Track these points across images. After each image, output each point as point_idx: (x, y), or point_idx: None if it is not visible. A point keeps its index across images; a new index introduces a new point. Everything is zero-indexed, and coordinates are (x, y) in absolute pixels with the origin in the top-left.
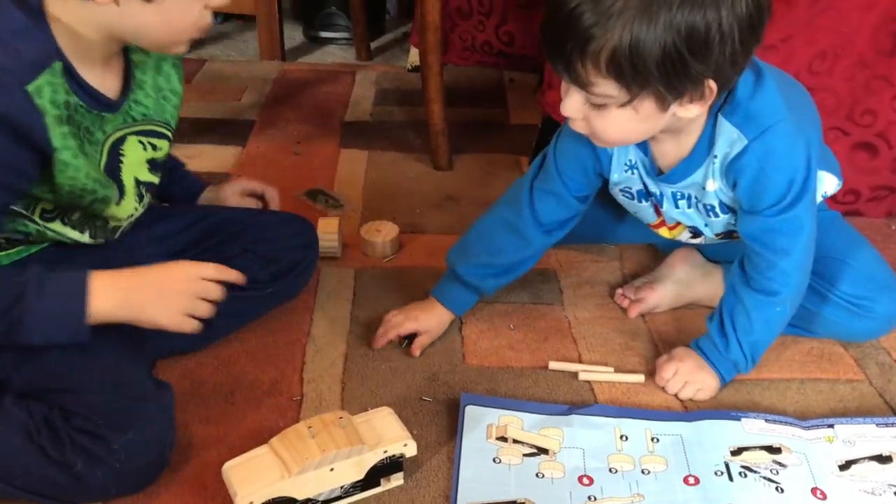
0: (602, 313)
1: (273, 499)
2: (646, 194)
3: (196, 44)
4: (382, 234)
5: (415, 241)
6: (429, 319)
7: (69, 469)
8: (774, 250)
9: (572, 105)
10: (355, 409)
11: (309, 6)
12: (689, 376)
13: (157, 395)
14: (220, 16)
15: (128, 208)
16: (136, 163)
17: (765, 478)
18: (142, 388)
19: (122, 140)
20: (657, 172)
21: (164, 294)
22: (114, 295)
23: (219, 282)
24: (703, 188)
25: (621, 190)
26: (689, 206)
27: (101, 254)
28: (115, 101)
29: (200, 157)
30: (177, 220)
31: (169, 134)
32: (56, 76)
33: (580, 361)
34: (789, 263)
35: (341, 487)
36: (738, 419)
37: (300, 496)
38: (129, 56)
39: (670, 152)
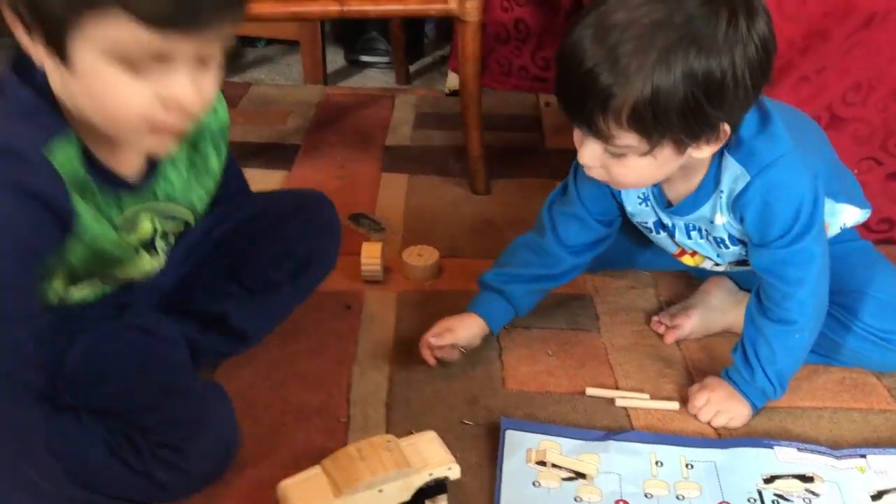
0: (638, 340)
1: None
2: (661, 225)
3: (241, 67)
4: (424, 258)
5: (455, 265)
6: (457, 331)
7: (152, 478)
8: (788, 281)
9: (590, 154)
10: (400, 431)
11: (350, 31)
12: (721, 405)
13: (218, 397)
14: (263, 41)
15: (144, 265)
16: (145, 233)
17: None
18: (202, 393)
19: (135, 216)
20: (667, 204)
21: None
22: None
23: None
24: (712, 222)
25: (638, 222)
26: (701, 238)
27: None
28: (134, 183)
29: (248, 182)
30: (187, 240)
31: (190, 217)
32: (70, 145)
33: (616, 388)
34: (803, 293)
35: None
36: (771, 447)
37: None
38: None
39: (679, 187)
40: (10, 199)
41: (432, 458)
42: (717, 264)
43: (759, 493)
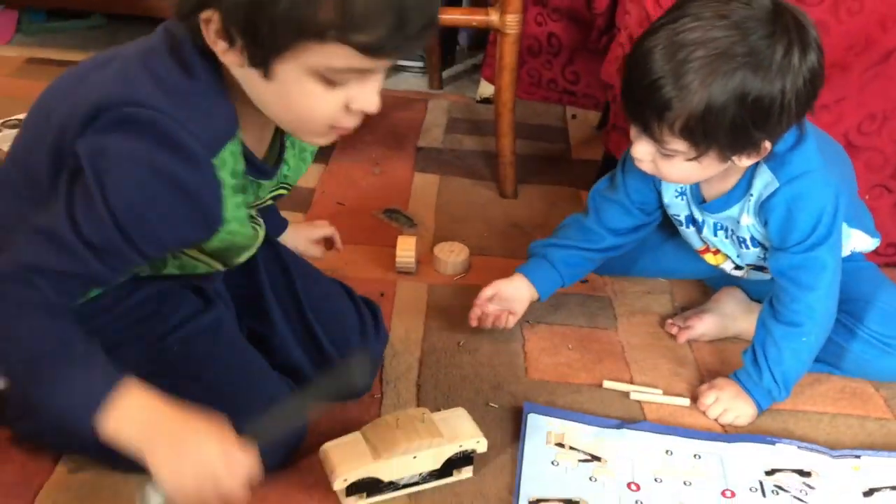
0: (653, 341)
1: (363, 478)
2: (691, 220)
3: None
4: (455, 253)
5: (482, 262)
6: (510, 298)
7: None
8: (799, 285)
9: (643, 151)
10: (429, 408)
11: None
12: (728, 403)
13: (288, 392)
14: None
15: (255, 240)
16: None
17: (795, 497)
18: (275, 388)
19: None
20: (701, 200)
21: (180, 458)
22: (131, 420)
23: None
24: (738, 222)
25: (672, 214)
26: (726, 237)
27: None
28: (270, 168)
29: None
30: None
31: (288, 192)
32: (237, 145)
33: (631, 382)
34: (814, 298)
35: (420, 474)
36: (773, 444)
37: (385, 478)
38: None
39: (715, 187)
40: (165, 190)
41: (462, 431)
42: (736, 266)
43: (761, 484)
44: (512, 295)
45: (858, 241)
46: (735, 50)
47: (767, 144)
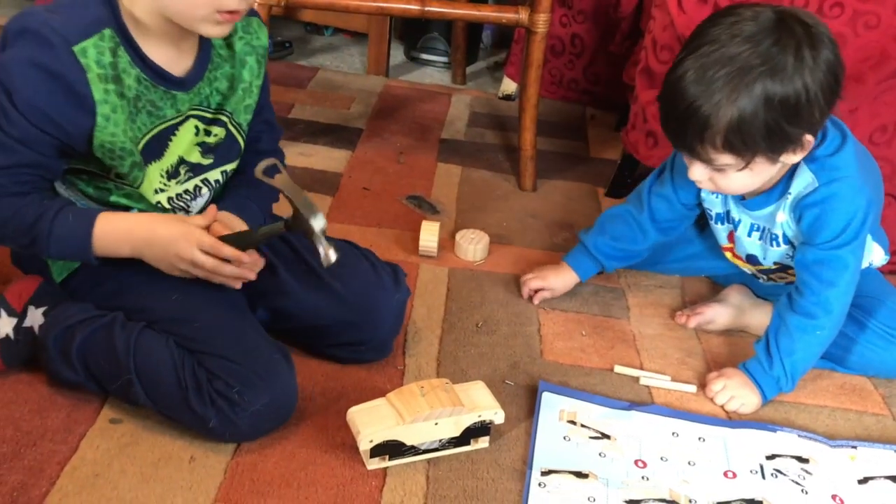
0: (663, 332)
1: (387, 441)
2: (724, 218)
3: (308, 53)
4: (476, 240)
5: (500, 250)
6: (555, 280)
7: (204, 422)
8: (821, 280)
9: (699, 173)
10: (450, 380)
11: (412, 29)
12: (735, 391)
13: (284, 368)
14: (331, 29)
15: (153, 181)
16: (183, 144)
17: (793, 481)
18: (270, 360)
19: (182, 120)
20: (741, 198)
21: (166, 257)
22: (120, 242)
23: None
24: (774, 219)
25: (706, 207)
26: (760, 238)
27: None
28: (183, 79)
29: (316, 157)
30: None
31: (229, 125)
32: (104, 41)
33: (641, 368)
34: (832, 294)
35: (440, 441)
36: (775, 431)
37: (408, 442)
38: (210, 45)
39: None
40: (41, 77)
41: (481, 402)
42: (760, 267)
43: (761, 467)
44: (560, 287)
45: (875, 254)
46: (752, 61)
47: (809, 137)
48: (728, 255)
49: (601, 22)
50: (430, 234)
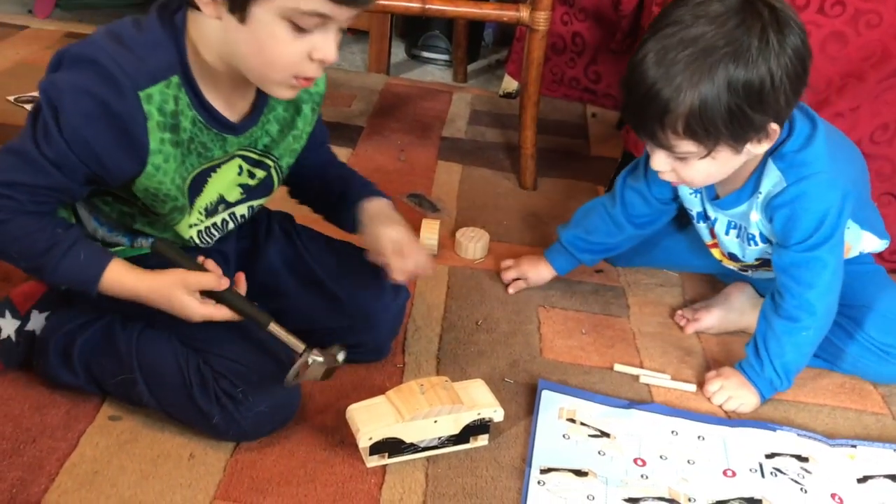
0: (663, 330)
1: (386, 438)
2: (704, 217)
3: None
4: (476, 239)
5: (501, 248)
6: (529, 271)
7: (208, 419)
8: (800, 283)
9: (660, 161)
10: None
11: (413, 27)
12: (733, 391)
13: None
14: None
15: (191, 217)
16: (224, 182)
17: (792, 479)
18: (276, 361)
19: (227, 160)
20: (714, 196)
21: (170, 307)
22: (125, 294)
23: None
24: (748, 218)
25: (686, 207)
26: (737, 237)
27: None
28: (237, 124)
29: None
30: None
31: (272, 169)
32: (170, 88)
33: (641, 367)
34: (813, 295)
35: (439, 438)
36: (774, 430)
37: (407, 440)
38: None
39: (728, 183)
40: (98, 113)
41: (481, 400)
42: (742, 267)
43: (760, 466)
44: (535, 279)
45: (868, 242)
46: (715, 43)
47: (774, 126)
48: (715, 252)
49: (602, 20)
50: (430, 233)
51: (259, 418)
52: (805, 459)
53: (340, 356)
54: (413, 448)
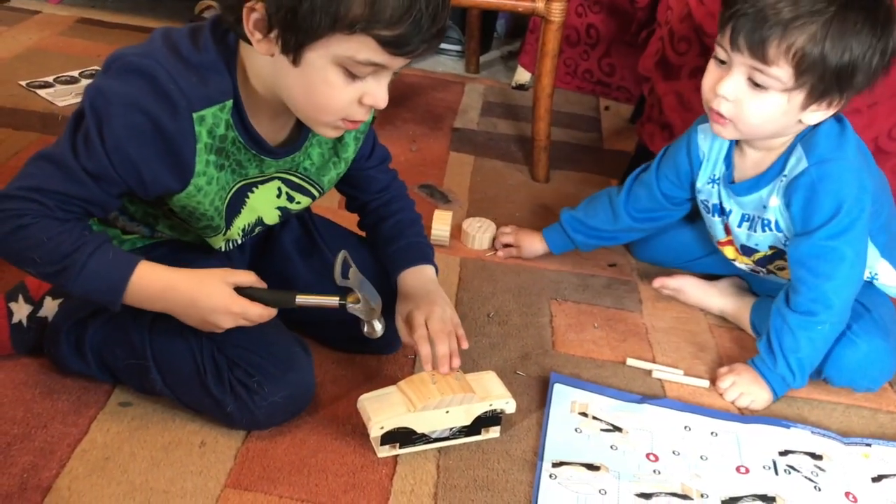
0: (676, 325)
1: (397, 428)
2: (720, 211)
3: None
4: (482, 229)
5: None
6: (524, 240)
7: (222, 407)
8: (817, 274)
9: (733, 85)
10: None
11: None
12: (745, 388)
13: (304, 362)
14: None
15: (229, 236)
16: (263, 203)
17: (806, 477)
18: (291, 353)
19: (265, 180)
20: (731, 181)
21: (204, 323)
22: (154, 298)
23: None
24: (765, 206)
25: (702, 201)
26: (749, 228)
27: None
28: (276, 149)
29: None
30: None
31: (316, 194)
32: (224, 112)
33: (654, 362)
34: (829, 287)
35: (450, 429)
36: (788, 427)
37: (419, 430)
38: None
39: (749, 169)
40: (148, 129)
41: (493, 391)
42: (756, 259)
43: (774, 463)
44: (528, 251)
45: (885, 274)
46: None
47: (838, 99)
48: (727, 251)
49: (617, 12)
50: (442, 224)
51: (273, 408)
52: (819, 457)
53: (374, 303)
54: (424, 439)
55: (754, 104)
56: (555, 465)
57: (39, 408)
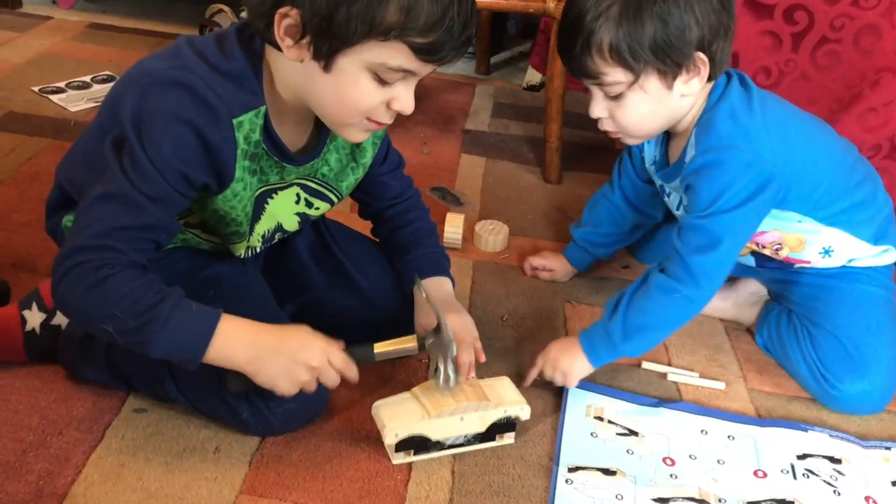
0: (692, 327)
1: (412, 436)
2: (666, 192)
3: None
4: (495, 231)
5: (524, 242)
6: (555, 264)
7: (237, 414)
8: (689, 246)
9: (597, 105)
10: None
11: None
12: (553, 362)
13: None
14: None
15: (250, 243)
16: (283, 209)
17: (825, 481)
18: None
19: (285, 186)
20: (665, 164)
21: (292, 365)
22: (240, 345)
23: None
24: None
25: (658, 185)
26: (678, 208)
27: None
28: (297, 157)
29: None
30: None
31: (335, 200)
32: (258, 118)
33: (669, 365)
34: (697, 261)
35: (465, 436)
36: (806, 430)
37: (433, 437)
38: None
39: (674, 154)
40: (179, 129)
41: (507, 398)
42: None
43: (792, 467)
44: (561, 271)
45: (849, 246)
46: None
47: (702, 56)
48: None
49: None
50: (454, 227)
51: (288, 414)
52: (838, 461)
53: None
54: (439, 446)
55: (623, 112)
56: (570, 469)
57: (54, 414)
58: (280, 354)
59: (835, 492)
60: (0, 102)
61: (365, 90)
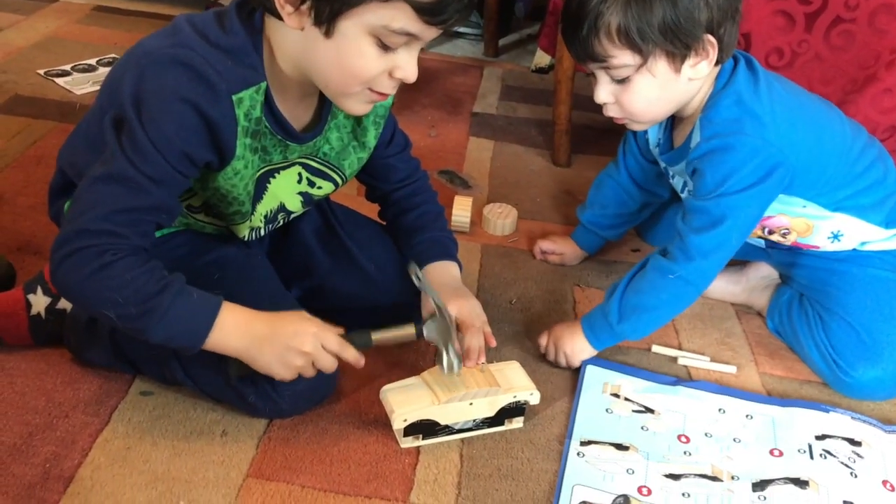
0: (702, 311)
1: (421, 420)
2: (670, 175)
3: None
4: (503, 215)
5: (533, 226)
6: (564, 247)
7: (244, 397)
8: (690, 225)
9: (603, 89)
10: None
11: None
12: (556, 343)
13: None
14: None
15: (252, 224)
16: (284, 189)
17: (842, 463)
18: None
19: (287, 166)
20: (670, 147)
21: (285, 352)
22: (237, 335)
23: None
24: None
25: (663, 167)
26: (682, 191)
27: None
28: (301, 135)
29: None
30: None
31: (339, 180)
32: (259, 94)
33: (680, 348)
34: (695, 240)
35: (473, 421)
36: (828, 411)
37: (442, 422)
38: (331, 103)
39: (679, 138)
40: (180, 107)
41: (517, 383)
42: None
43: (809, 447)
44: (570, 255)
45: (859, 230)
46: None
47: (711, 39)
48: None
49: None
50: (462, 210)
51: (296, 396)
52: (858, 444)
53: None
54: (448, 430)
55: (630, 96)
56: (583, 443)
57: (61, 397)
58: (273, 342)
59: (852, 473)
60: (5, 85)
61: (367, 56)
